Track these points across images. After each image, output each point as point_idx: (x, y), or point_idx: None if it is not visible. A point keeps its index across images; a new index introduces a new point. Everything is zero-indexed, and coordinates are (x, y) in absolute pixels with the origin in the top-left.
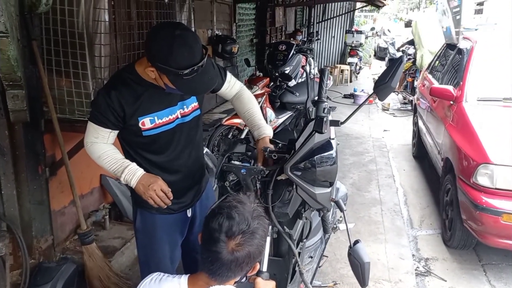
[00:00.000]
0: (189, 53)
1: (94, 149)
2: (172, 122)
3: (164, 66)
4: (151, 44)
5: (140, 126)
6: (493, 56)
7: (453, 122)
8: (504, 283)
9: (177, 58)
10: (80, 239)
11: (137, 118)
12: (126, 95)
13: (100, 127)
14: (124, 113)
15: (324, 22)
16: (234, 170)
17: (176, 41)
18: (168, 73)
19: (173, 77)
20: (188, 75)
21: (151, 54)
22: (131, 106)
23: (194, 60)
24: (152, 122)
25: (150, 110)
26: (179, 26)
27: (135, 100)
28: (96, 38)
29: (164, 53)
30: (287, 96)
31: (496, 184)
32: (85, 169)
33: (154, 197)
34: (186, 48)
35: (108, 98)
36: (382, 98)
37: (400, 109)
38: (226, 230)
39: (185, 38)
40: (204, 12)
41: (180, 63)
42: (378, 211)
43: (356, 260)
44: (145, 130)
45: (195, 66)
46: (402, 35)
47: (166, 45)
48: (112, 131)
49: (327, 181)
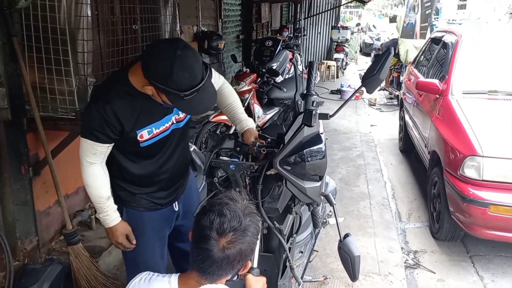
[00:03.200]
0: (189, 74)
1: (89, 173)
2: (168, 129)
3: (163, 87)
4: (150, 63)
5: (138, 138)
6: (478, 50)
7: (440, 115)
8: (491, 273)
9: (177, 80)
10: (66, 240)
11: (136, 131)
12: (123, 109)
13: (97, 143)
14: (122, 127)
15: (310, 18)
16: (223, 166)
17: (176, 62)
18: (167, 93)
19: (172, 98)
20: (188, 96)
21: (150, 73)
22: (129, 120)
23: (195, 81)
24: (150, 133)
25: (148, 122)
26: (179, 45)
27: (132, 113)
28: (79, 33)
29: (164, 75)
30: (274, 92)
31: (483, 176)
32: (69, 169)
33: (118, 246)
34: (186, 69)
35: (104, 113)
36: (371, 91)
37: (386, 104)
38: (217, 228)
39: (186, 58)
40: (189, 8)
41: (181, 85)
42: (366, 205)
43: (346, 254)
44: (143, 142)
45: (195, 87)
46: (387, 31)
47: (166, 66)
48: (110, 145)
49: (316, 175)
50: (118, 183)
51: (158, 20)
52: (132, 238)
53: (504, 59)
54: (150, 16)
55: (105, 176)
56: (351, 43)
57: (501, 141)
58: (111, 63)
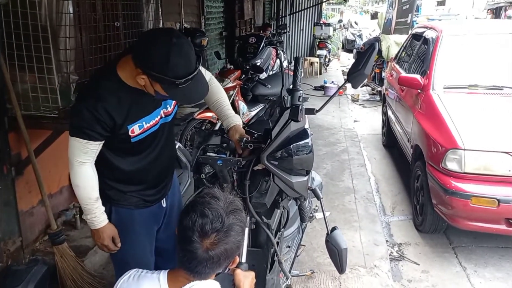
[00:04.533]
0: (185, 61)
1: (80, 174)
2: (157, 123)
3: (159, 75)
4: (145, 51)
5: (129, 134)
6: (458, 45)
7: (422, 110)
8: (474, 264)
9: (174, 67)
10: (50, 240)
11: (127, 126)
12: (114, 105)
13: (89, 141)
14: (114, 123)
15: (293, 15)
16: (210, 162)
17: (173, 50)
18: (163, 82)
19: (167, 86)
20: (183, 84)
21: (144, 62)
22: (120, 115)
23: (190, 68)
24: (140, 128)
25: (139, 116)
26: (173, 33)
27: (123, 108)
28: (61, 30)
29: (161, 62)
30: (259, 88)
31: (465, 168)
32: (53, 168)
33: (103, 249)
34: (183, 56)
35: (95, 111)
36: (356, 86)
37: (369, 100)
38: (199, 230)
39: (182, 46)
40: (171, 4)
41: (177, 72)
42: (351, 200)
43: (333, 247)
44: (133, 137)
45: (190, 75)
46: (368, 27)
47: (162, 53)
48: (101, 142)
49: (303, 170)
50: (107, 182)
51: (140, 17)
52: (118, 241)
53: (484, 54)
54: (132, 13)
55: (95, 176)
56: (334, 40)
57: (481, 134)
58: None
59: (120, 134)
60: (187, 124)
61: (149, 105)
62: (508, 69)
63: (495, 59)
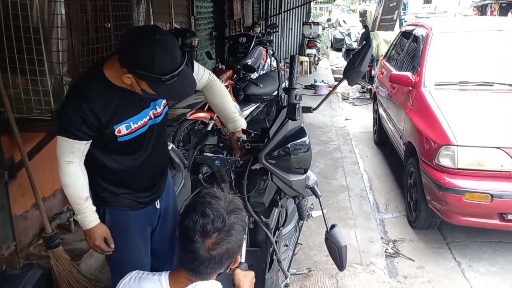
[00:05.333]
0: (170, 57)
1: (67, 173)
2: (146, 124)
3: (144, 73)
4: (129, 49)
5: (116, 133)
6: (448, 42)
7: (413, 107)
8: (468, 259)
9: (160, 64)
10: (45, 243)
11: (113, 126)
12: (100, 105)
13: (75, 140)
14: (100, 123)
15: (282, 14)
16: (208, 162)
17: (157, 47)
18: (148, 79)
19: (153, 84)
20: (169, 81)
21: (128, 60)
22: (106, 115)
23: (175, 64)
24: (128, 128)
25: (126, 116)
26: (157, 30)
27: (109, 108)
28: (53, 32)
29: (146, 60)
30: (251, 88)
31: (458, 164)
32: (46, 171)
33: (96, 249)
34: (167, 53)
35: (80, 110)
36: (352, 83)
37: (359, 98)
38: (201, 230)
39: (166, 42)
40: (161, 5)
41: (163, 69)
42: (345, 197)
43: (333, 244)
44: (120, 137)
45: (176, 71)
46: (357, 26)
47: (147, 51)
48: (88, 142)
49: (301, 168)
50: (100, 183)
51: (131, 18)
52: (111, 241)
53: (473, 51)
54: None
55: (84, 176)
56: (323, 39)
57: (473, 130)
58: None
59: (107, 133)
60: (180, 125)
61: (136, 105)
62: (497, 65)
63: (485, 56)
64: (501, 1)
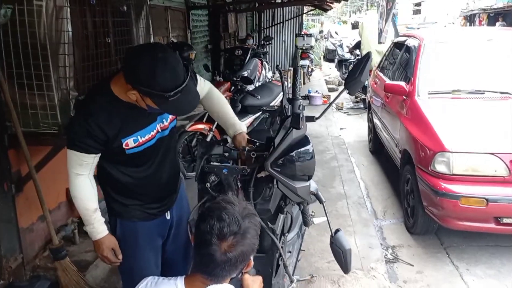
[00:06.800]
0: (172, 75)
1: (76, 184)
2: (153, 137)
3: (148, 90)
4: (132, 67)
5: (124, 147)
6: (440, 52)
7: (408, 115)
8: (466, 263)
9: (162, 81)
10: (52, 255)
11: (121, 140)
12: (106, 120)
13: (83, 153)
14: (107, 137)
15: (275, 27)
16: (215, 171)
17: (159, 64)
18: (152, 96)
19: (157, 100)
20: (173, 97)
21: (133, 77)
22: (113, 130)
23: (178, 81)
24: (135, 142)
25: (133, 130)
26: (159, 47)
27: (116, 123)
28: (60, 48)
29: (148, 77)
30: (248, 99)
31: (453, 170)
32: (51, 184)
33: (104, 260)
34: (169, 70)
35: (87, 125)
36: (353, 93)
37: (353, 108)
38: (217, 233)
39: (168, 60)
40: (159, 19)
41: (165, 86)
42: (344, 205)
43: (338, 248)
44: (128, 149)
45: (179, 87)
46: (348, 37)
47: (149, 68)
48: (96, 155)
49: (305, 175)
50: (111, 195)
51: (131, 33)
52: (119, 252)
53: (465, 60)
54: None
55: (92, 188)
56: (316, 50)
57: (467, 137)
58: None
59: (115, 147)
60: (179, 137)
61: (143, 119)
62: (488, 74)
63: (476, 65)
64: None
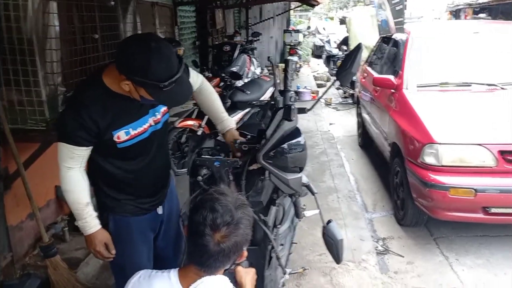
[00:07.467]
0: (167, 65)
1: (68, 178)
2: (146, 131)
3: (142, 80)
4: (126, 57)
5: (115, 139)
6: (427, 46)
7: (397, 108)
8: (455, 253)
9: (156, 71)
10: (43, 252)
11: (112, 132)
12: (98, 111)
13: (74, 146)
14: (98, 129)
15: (262, 23)
16: (207, 164)
17: (154, 54)
18: (147, 86)
19: (152, 90)
20: (167, 87)
21: (127, 68)
22: (105, 121)
23: (172, 71)
24: (127, 134)
25: (124, 122)
26: (153, 37)
27: (108, 114)
28: (47, 43)
29: (143, 67)
30: (237, 95)
31: (442, 161)
32: (39, 181)
33: (97, 255)
34: (164, 60)
35: (79, 117)
36: (345, 83)
37: (341, 103)
38: (211, 223)
39: (162, 49)
40: (146, 15)
41: (160, 76)
42: (334, 199)
43: (330, 239)
44: (120, 143)
45: (173, 77)
46: (336, 33)
47: (143, 58)
48: (88, 148)
49: (297, 167)
50: (103, 189)
51: (118, 28)
52: (112, 247)
53: (452, 53)
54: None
55: (84, 181)
56: (303, 46)
57: (455, 129)
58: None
59: (106, 140)
60: (168, 134)
61: (135, 112)
62: (474, 66)
63: (463, 58)
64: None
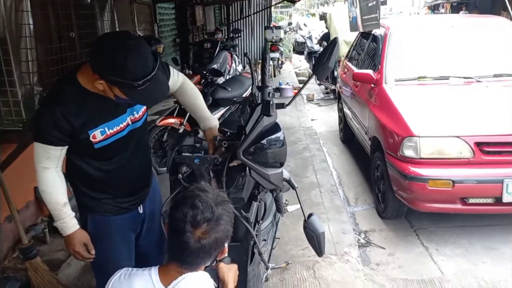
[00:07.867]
0: (142, 63)
1: (44, 178)
2: (123, 130)
3: (116, 79)
4: (100, 56)
5: (91, 139)
6: (405, 40)
7: (376, 103)
8: (435, 243)
9: (132, 70)
10: (22, 255)
11: (87, 131)
12: (72, 110)
13: (49, 146)
14: (72, 128)
15: (243, 20)
16: (187, 161)
17: (129, 52)
18: (121, 85)
19: (126, 89)
20: (141, 86)
21: (100, 66)
22: (79, 120)
23: (147, 70)
24: (103, 134)
25: (100, 121)
26: (128, 35)
27: (82, 113)
28: (21, 42)
29: (116, 66)
30: (219, 92)
31: (421, 154)
32: (18, 183)
33: (76, 256)
34: (140, 58)
35: (53, 115)
36: (322, 78)
37: (323, 99)
38: (191, 220)
39: (137, 48)
40: (124, 12)
41: (135, 74)
42: (317, 194)
43: (312, 232)
44: (96, 143)
45: (148, 76)
46: (316, 29)
47: (119, 56)
48: (63, 148)
49: (277, 162)
50: (81, 189)
51: (95, 26)
52: (91, 247)
53: (429, 47)
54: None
55: (61, 182)
56: (285, 43)
57: (433, 122)
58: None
59: (82, 139)
60: (149, 132)
61: (112, 111)
62: (452, 60)
63: (440, 52)
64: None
